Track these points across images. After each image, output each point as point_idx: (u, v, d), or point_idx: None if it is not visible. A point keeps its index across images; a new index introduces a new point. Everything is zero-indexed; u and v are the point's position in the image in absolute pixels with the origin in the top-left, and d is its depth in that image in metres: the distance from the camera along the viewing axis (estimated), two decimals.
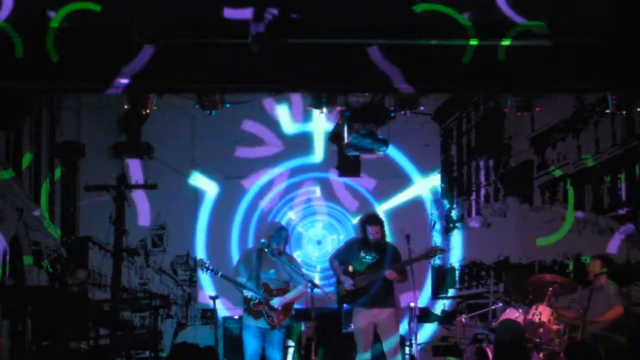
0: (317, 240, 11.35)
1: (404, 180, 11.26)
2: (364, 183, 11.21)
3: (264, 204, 11.20)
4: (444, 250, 9.55)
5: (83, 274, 9.33)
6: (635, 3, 8.04)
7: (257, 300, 8.40)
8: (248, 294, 8.41)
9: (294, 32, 7.84)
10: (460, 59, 8.13)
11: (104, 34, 7.92)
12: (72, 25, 7.79)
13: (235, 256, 10.86)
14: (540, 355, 8.69)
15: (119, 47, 7.97)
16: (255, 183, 11.20)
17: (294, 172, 11.26)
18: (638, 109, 9.24)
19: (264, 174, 11.20)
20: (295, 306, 8.75)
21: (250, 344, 8.52)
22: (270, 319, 8.42)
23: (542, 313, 8.67)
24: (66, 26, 7.80)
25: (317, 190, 11.32)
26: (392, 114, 9.41)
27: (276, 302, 8.43)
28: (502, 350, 8.98)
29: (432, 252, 9.08)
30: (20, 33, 7.83)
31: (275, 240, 8.50)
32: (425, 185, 11.34)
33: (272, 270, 8.53)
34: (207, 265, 8.51)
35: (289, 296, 8.52)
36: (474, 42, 8.08)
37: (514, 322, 8.97)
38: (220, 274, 8.51)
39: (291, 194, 11.29)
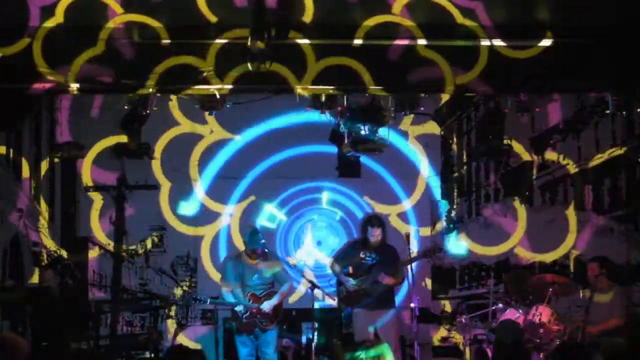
0: (317, 241, 11.34)
1: (404, 181, 11.25)
2: None
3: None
4: (442, 249, 9.54)
5: (46, 275, 9.36)
6: (635, 3, 8.05)
7: (248, 312, 8.35)
8: (239, 308, 8.36)
9: (293, 32, 7.86)
10: (459, 59, 8.14)
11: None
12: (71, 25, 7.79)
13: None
14: (541, 356, 8.68)
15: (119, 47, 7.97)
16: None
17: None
18: (638, 110, 9.24)
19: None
20: (296, 306, 8.73)
21: (244, 346, 8.46)
22: (264, 325, 8.39)
23: (542, 313, 8.65)
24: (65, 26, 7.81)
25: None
26: (392, 114, 9.40)
27: (266, 306, 8.39)
28: (503, 350, 9.00)
29: (430, 252, 9.05)
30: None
31: (251, 244, 8.43)
32: (425, 186, 11.34)
33: (255, 276, 8.48)
34: (194, 296, 8.47)
35: (277, 298, 8.49)
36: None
37: (514, 322, 8.97)
38: (209, 301, 8.47)
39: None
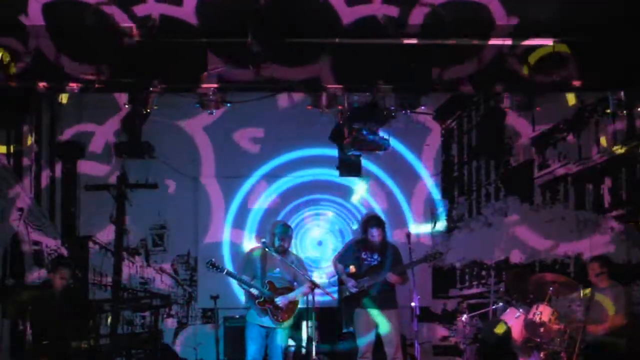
0: (318, 241, 11.33)
1: (404, 180, 11.24)
2: None
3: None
4: (442, 253, 9.59)
5: (63, 273, 9.38)
6: (635, 3, 8.06)
7: (262, 298, 8.38)
8: (255, 291, 8.40)
9: (293, 32, 7.88)
10: (460, 59, 8.16)
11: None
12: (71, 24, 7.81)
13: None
14: (541, 355, 8.70)
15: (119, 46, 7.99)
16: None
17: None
18: (638, 109, 9.26)
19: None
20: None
21: (254, 342, 8.45)
22: (275, 317, 8.41)
23: (543, 313, 8.67)
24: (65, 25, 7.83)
25: None
26: (393, 114, 9.40)
27: (280, 300, 8.42)
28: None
29: (431, 255, 9.07)
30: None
31: (279, 238, 8.48)
32: (426, 185, 11.33)
33: (277, 269, 8.50)
34: (212, 262, 8.46)
35: (293, 295, 8.50)
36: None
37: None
38: (225, 271, 8.46)
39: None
